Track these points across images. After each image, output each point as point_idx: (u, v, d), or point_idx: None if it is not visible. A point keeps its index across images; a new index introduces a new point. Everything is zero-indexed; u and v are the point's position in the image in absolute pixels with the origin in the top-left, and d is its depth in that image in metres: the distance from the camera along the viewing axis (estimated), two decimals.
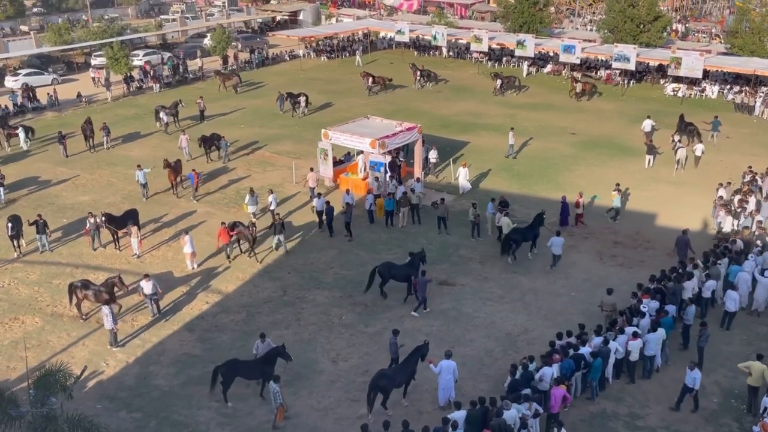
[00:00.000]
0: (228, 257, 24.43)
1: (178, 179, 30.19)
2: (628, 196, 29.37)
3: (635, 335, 17.58)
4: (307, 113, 42.63)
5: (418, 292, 21.04)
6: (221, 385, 16.97)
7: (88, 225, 25.40)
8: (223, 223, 24.52)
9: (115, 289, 20.92)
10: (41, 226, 25.13)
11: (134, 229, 25.03)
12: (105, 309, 19.58)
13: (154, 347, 19.71)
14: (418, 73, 50.06)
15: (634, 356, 17.60)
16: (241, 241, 24.89)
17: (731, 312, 19.89)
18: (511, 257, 24.27)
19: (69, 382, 14.33)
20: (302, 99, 42.66)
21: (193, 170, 30.32)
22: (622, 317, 18.77)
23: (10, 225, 24.69)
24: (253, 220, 26.56)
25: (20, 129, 36.95)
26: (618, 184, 28.01)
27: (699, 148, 33.37)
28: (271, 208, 27.22)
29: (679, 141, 34.73)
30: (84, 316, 21.02)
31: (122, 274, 22.16)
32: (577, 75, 50.80)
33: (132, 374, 18.55)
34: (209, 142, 34.20)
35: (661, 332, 17.87)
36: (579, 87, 46.45)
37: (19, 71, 51.82)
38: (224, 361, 17.35)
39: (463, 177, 29.88)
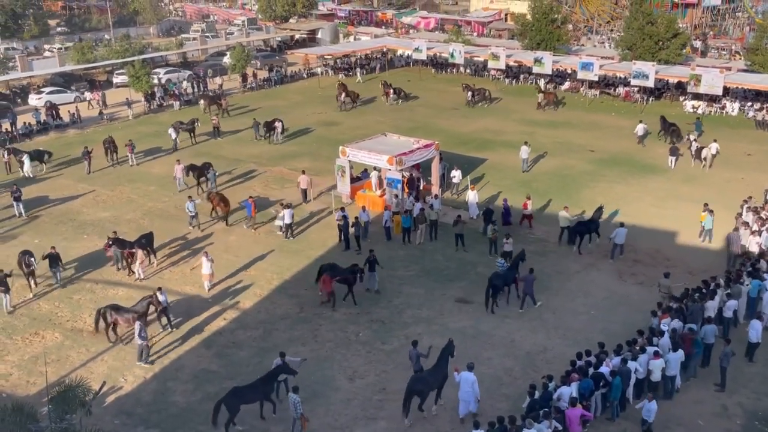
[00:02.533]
0: (333, 306, 22.43)
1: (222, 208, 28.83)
2: (641, 215, 29.14)
3: (656, 354, 17.34)
4: (281, 140, 41.14)
5: (526, 289, 22.08)
6: (226, 414, 16.53)
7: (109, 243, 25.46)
8: (325, 270, 22.78)
9: (151, 307, 20.77)
10: (54, 259, 23.92)
11: (140, 252, 24.69)
12: (138, 324, 19.64)
13: (171, 363, 19.76)
14: (391, 90, 50.57)
15: (656, 376, 17.33)
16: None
17: (754, 343, 19.23)
18: (577, 249, 25.84)
19: (88, 397, 14.40)
20: (278, 125, 41.11)
21: (250, 197, 29.05)
22: (642, 337, 18.50)
23: (33, 259, 23.52)
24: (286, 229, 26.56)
25: (26, 156, 35.58)
26: (707, 204, 27.04)
27: (714, 146, 34.65)
28: (286, 221, 27.41)
29: (695, 140, 36.22)
30: (113, 340, 20.67)
31: (143, 291, 22.28)
32: (542, 86, 52.88)
33: (150, 390, 18.59)
34: (199, 171, 32.63)
35: (680, 353, 17.60)
36: (540, 97, 48.05)
37: (42, 89, 52.76)
38: (226, 392, 16.91)
39: (472, 200, 29.44)
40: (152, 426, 17.16)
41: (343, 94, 49.00)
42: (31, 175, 35.29)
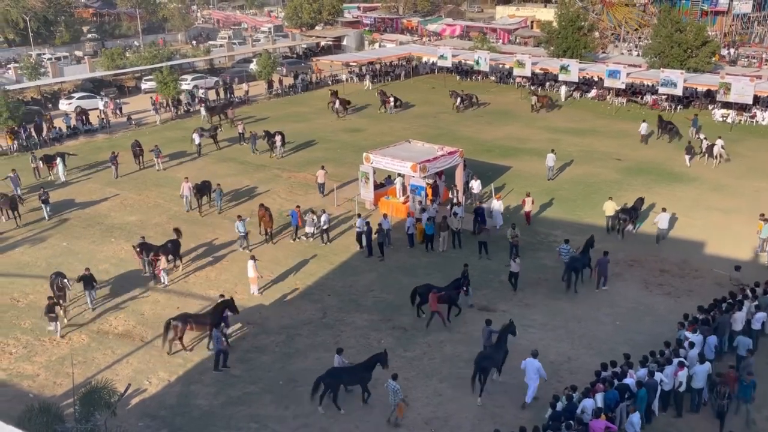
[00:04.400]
0: (444, 323, 21.78)
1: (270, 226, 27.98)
2: (675, 222, 28.74)
3: (681, 365, 17.07)
4: (282, 154, 39.56)
5: (601, 270, 23.60)
6: (327, 395, 17.58)
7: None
8: (423, 292, 22.00)
9: (227, 312, 20.80)
10: (88, 281, 22.94)
11: (163, 258, 24.79)
12: (215, 332, 19.90)
13: (195, 366, 19.91)
14: (392, 99, 50.83)
15: (682, 388, 17.04)
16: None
17: None
18: (621, 234, 27.62)
19: (113, 399, 14.61)
20: (278, 138, 39.35)
21: (297, 206, 28.76)
22: (669, 348, 18.23)
23: (66, 281, 22.59)
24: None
25: (59, 159, 35.89)
26: (763, 214, 26.32)
27: (719, 143, 36.17)
28: (323, 227, 27.61)
29: (705, 138, 37.37)
30: (188, 348, 20.64)
31: (168, 294, 22.40)
32: (535, 89, 53.96)
33: (173, 393, 18.75)
34: (202, 192, 31.40)
35: (707, 365, 17.31)
36: (534, 100, 48.84)
37: (72, 94, 53.74)
38: (325, 371, 17.86)
39: (497, 209, 28.96)
40: (176, 429, 17.29)
41: (336, 102, 49.41)
42: (64, 179, 35.89)
